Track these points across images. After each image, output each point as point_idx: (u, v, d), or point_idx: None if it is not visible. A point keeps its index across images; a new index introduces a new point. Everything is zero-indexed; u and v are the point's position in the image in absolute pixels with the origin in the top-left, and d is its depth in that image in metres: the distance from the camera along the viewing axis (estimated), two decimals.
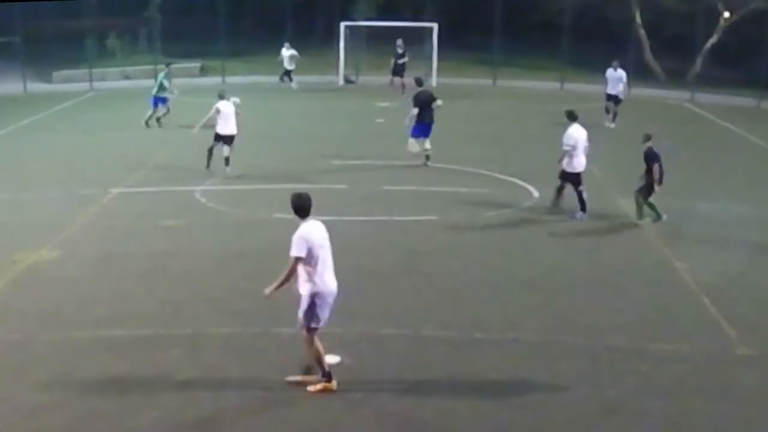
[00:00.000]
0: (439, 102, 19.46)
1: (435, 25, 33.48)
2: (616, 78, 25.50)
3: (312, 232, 8.83)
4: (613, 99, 25.51)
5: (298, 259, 8.71)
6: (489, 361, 9.99)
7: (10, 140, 22.89)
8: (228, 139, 18.55)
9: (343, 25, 34.09)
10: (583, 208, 15.66)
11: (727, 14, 34.29)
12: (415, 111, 19.24)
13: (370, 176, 18.49)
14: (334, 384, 9.01)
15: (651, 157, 15.30)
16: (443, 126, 20.25)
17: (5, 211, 15.88)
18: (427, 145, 19.34)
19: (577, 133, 15.75)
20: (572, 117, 16.06)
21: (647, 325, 11.12)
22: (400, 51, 31.10)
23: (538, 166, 19.62)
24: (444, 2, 40.94)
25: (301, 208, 8.91)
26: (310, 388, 9.00)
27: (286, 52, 31.47)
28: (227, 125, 18.54)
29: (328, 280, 8.94)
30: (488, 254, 13.82)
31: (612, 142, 23.24)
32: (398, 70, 30.95)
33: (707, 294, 12.01)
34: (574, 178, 15.71)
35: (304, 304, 8.88)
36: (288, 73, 31.66)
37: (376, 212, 15.80)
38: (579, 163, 15.69)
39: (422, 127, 19.27)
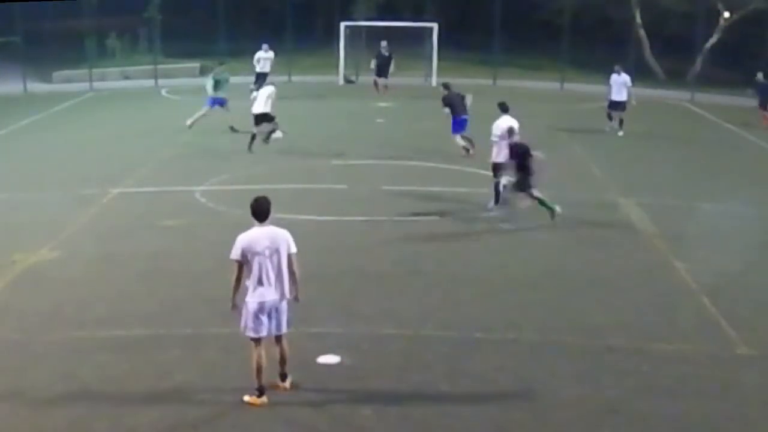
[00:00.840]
0: (468, 99, 20.26)
1: (435, 25, 33.45)
2: (620, 83, 24.29)
3: (254, 239, 8.63)
4: (619, 106, 24.21)
5: (237, 263, 8.61)
6: (489, 361, 9.99)
7: (10, 140, 22.89)
8: (256, 119, 20.30)
9: (343, 25, 34.06)
10: (496, 200, 15.76)
11: (727, 14, 34.28)
12: (447, 110, 19.95)
13: (370, 176, 18.48)
14: (259, 401, 8.80)
15: (520, 152, 15.03)
16: (444, 126, 20.26)
17: (5, 211, 15.88)
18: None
19: (504, 124, 15.98)
20: (503, 108, 16.40)
21: (647, 325, 11.11)
22: (385, 53, 30.34)
23: (537, 166, 19.61)
24: (444, 2, 40.97)
25: (254, 212, 8.78)
26: (245, 398, 8.85)
27: (265, 54, 29.69)
28: (255, 105, 20.46)
29: (259, 292, 8.61)
30: (488, 254, 13.82)
31: (612, 142, 23.26)
32: (383, 72, 30.32)
33: (707, 294, 12.01)
34: (494, 168, 15.93)
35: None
36: (265, 77, 28.89)
37: (376, 212, 15.80)
38: (504, 154, 15.77)
39: (459, 121, 20.06)
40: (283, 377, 9.08)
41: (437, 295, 11.99)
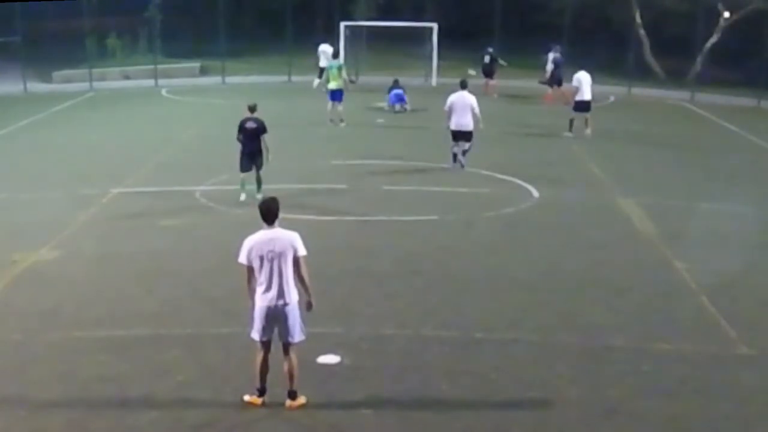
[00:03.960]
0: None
1: (435, 25, 33.44)
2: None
3: (257, 242, 8.53)
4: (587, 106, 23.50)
5: (246, 266, 8.53)
6: (489, 361, 9.99)
7: (10, 140, 22.89)
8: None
9: (343, 25, 34.05)
10: (453, 159, 18.89)
11: (727, 14, 34.27)
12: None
13: (370, 176, 18.48)
14: (259, 401, 8.79)
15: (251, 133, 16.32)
16: (443, 126, 20.24)
17: (5, 211, 15.89)
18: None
19: (452, 97, 19.03)
20: (461, 85, 19.30)
21: (647, 325, 11.11)
22: (490, 49, 31.29)
23: (538, 166, 19.64)
24: (444, 2, 40.94)
25: (261, 214, 8.64)
26: (246, 398, 8.84)
27: (329, 48, 29.77)
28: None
29: (264, 296, 8.53)
30: (488, 254, 13.82)
31: (611, 142, 23.25)
32: (489, 72, 30.93)
33: (707, 294, 12.01)
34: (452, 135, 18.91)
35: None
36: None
37: (376, 212, 15.80)
38: (453, 122, 18.86)
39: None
40: (292, 395, 8.80)
41: (437, 295, 11.98)
